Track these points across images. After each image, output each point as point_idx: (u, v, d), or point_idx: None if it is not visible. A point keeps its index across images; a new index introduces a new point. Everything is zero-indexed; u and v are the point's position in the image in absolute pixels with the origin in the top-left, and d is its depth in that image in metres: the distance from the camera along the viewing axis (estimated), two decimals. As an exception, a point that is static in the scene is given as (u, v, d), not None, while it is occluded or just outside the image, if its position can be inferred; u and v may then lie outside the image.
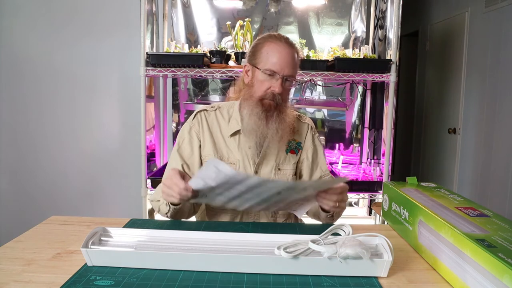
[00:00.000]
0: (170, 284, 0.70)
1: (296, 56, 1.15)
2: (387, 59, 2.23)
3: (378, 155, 2.68)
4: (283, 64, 1.10)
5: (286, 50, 1.11)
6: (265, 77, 1.11)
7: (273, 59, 1.10)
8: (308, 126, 1.28)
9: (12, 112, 2.74)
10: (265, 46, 1.13)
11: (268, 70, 1.10)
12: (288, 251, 0.74)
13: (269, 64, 1.11)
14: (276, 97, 1.11)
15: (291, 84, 1.14)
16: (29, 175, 2.77)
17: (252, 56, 1.16)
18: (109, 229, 0.84)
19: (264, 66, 1.11)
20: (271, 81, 1.11)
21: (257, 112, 1.12)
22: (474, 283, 0.65)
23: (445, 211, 0.83)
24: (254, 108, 1.13)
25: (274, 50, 1.11)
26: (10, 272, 0.74)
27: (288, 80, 1.12)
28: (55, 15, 2.66)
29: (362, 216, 2.74)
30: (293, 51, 1.13)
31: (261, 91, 1.12)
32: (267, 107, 1.12)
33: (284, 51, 1.11)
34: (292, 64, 1.12)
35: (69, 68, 2.70)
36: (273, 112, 1.13)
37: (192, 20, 2.66)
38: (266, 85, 1.12)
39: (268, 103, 1.12)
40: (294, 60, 1.13)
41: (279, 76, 1.10)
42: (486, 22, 2.92)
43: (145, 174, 2.17)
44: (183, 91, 2.73)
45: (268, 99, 1.12)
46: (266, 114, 1.12)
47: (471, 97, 3.14)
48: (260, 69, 1.12)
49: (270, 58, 1.11)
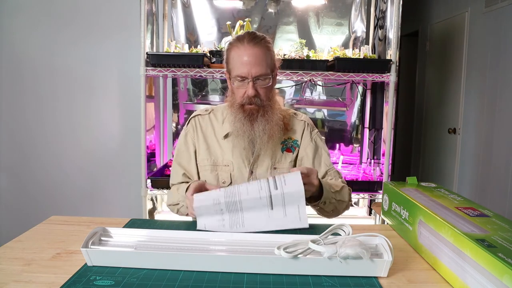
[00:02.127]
0: (170, 284, 0.70)
1: (264, 51, 1.11)
2: (387, 59, 2.22)
3: (378, 155, 2.68)
4: (248, 67, 1.08)
5: (248, 51, 1.09)
6: (238, 83, 1.12)
7: (239, 64, 1.10)
8: (305, 123, 1.27)
9: (12, 112, 2.74)
10: (232, 51, 1.13)
11: (238, 77, 1.10)
12: (288, 251, 0.74)
13: (237, 70, 1.10)
14: (253, 100, 1.11)
15: (265, 82, 1.12)
16: (29, 175, 2.77)
17: (226, 63, 1.17)
18: (109, 229, 0.84)
19: (234, 73, 1.12)
20: (244, 86, 1.11)
21: (240, 118, 1.14)
22: (474, 283, 0.65)
23: (445, 211, 0.83)
24: (237, 114, 1.14)
25: (238, 54, 1.10)
26: (10, 272, 0.74)
27: (261, 79, 1.11)
28: (55, 15, 2.66)
29: (362, 216, 2.74)
30: (257, 48, 1.10)
31: (239, 97, 1.14)
32: (248, 112, 1.13)
33: (246, 52, 1.09)
34: (258, 62, 1.09)
35: (69, 68, 2.70)
36: (256, 115, 1.13)
37: (192, 20, 2.66)
38: (241, 91, 1.12)
39: (248, 108, 1.13)
40: (261, 57, 1.10)
41: (249, 79, 1.09)
42: (486, 22, 2.92)
43: (145, 174, 2.17)
44: (183, 91, 2.73)
45: (247, 104, 1.12)
46: (250, 118, 1.13)
47: (471, 97, 3.14)
48: (232, 77, 1.13)
49: (236, 64, 1.10)
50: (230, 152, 1.20)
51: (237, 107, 1.14)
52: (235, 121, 1.15)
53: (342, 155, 2.72)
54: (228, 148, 1.20)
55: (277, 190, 0.92)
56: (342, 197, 1.14)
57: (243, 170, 1.19)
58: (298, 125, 1.26)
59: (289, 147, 1.23)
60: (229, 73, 1.16)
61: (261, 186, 0.93)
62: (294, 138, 1.24)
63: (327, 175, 1.23)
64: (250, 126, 1.13)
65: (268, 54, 1.13)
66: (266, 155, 1.19)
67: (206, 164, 1.21)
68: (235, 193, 0.93)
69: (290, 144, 1.23)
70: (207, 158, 1.21)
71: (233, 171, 1.19)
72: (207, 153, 1.21)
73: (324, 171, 1.23)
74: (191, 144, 1.23)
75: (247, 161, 1.19)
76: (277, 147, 1.20)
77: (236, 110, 1.15)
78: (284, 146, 1.22)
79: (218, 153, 1.21)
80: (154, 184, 2.18)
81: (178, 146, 1.26)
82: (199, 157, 1.23)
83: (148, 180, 2.19)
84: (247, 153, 1.19)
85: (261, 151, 1.18)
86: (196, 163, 1.23)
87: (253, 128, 1.13)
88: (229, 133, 1.20)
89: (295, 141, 1.24)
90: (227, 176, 1.20)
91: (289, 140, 1.23)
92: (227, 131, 1.20)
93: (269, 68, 1.12)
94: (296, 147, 1.24)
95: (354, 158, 2.77)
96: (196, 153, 1.23)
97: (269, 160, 1.19)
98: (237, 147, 1.19)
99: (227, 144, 1.21)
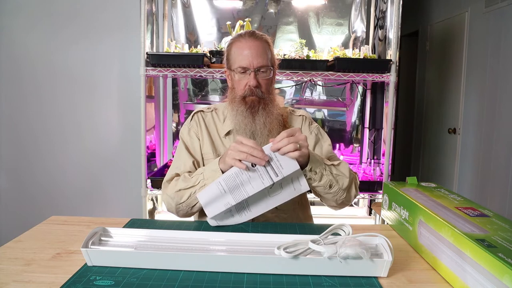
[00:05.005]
0: (170, 284, 0.70)
1: (265, 45, 1.15)
2: (387, 59, 2.22)
3: (378, 155, 2.68)
4: (251, 58, 1.11)
5: (250, 43, 1.13)
6: (239, 76, 1.14)
7: (241, 56, 1.13)
8: (303, 118, 1.28)
9: (12, 112, 2.74)
10: (233, 47, 1.16)
11: (239, 68, 1.13)
12: (288, 251, 0.74)
13: (238, 62, 1.13)
14: (255, 91, 1.13)
15: (267, 74, 1.15)
16: (29, 176, 2.77)
17: (227, 61, 1.19)
18: (109, 229, 0.84)
19: (235, 65, 1.14)
20: (245, 78, 1.14)
21: (242, 110, 1.14)
22: (474, 283, 0.65)
23: (445, 211, 0.83)
24: (238, 107, 1.15)
25: (239, 47, 1.14)
26: (10, 272, 0.74)
27: (262, 71, 1.14)
28: (55, 15, 2.66)
29: (362, 216, 2.74)
30: (259, 41, 1.14)
31: (240, 90, 1.15)
32: (250, 103, 1.14)
33: (248, 44, 1.13)
34: (260, 54, 1.12)
35: (69, 68, 2.70)
36: (257, 107, 1.14)
37: (192, 20, 2.66)
38: (243, 83, 1.14)
39: (250, 99, 1.14)
40: (262, 50, 1.14)
41: (251, 70, 1.12)
42: (486, 22, 2.92)
43: (145, 174, 2.17)
44: (183, 91, 2.73)
45: (248, 95, 1.14)
46: (251, 111, 1.14)
47: (471, 97, 3.14)
48: (234, 70, 1.15)
49: (238, 56, 1.13)
50: None
51: (238, 100, 1.15)
52: (236, 115, 1.15)
53: (342, 155, 2.73)
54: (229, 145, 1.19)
55: (277, 177, 0.94)
56: (339, 172, 1.08)
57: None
58: (296, 121, 1.27)
59: None
60: (229, 68, 1.18)
61: (263, 178, 0.94)
62: None
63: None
64: (251, 119, 1.14)
65: (269, 49, 1.17)
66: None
67: (211, 158, 1.21)
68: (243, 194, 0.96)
69: None
70: (212, 152, 1.22)
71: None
72: (212, 147, 1.22)
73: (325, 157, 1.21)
74: (195, 138, 1.23)
75: None
76: None
77: (237, 103, 1.15)
78: None
79: (221, 149, 1.22)
80: (154, 184, 2.18)
81: (183, 139, 1.24)
82: (203, 150, 1.23)
83: (148, 180, 2.19)
84: None
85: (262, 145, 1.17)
86: (202, 155, 1.23)
87: (254, 121, 1.14)
88: (231, 131, 1.21)
89: None
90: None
91: None
92: (228, 129, 1.21)
93: (270, 61, 1.16)
94: None
95: (354, 158, 2.77)
96: (201, 146, 1.23)
97: None
98: None
99: (229, 142, 1.22)
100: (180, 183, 1.10)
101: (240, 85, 1.15)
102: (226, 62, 1.21)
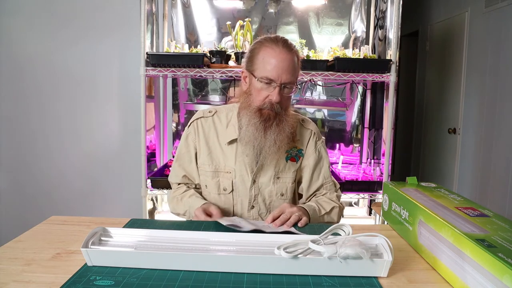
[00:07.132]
0: (170, 284, 0.70)
1: (296, 60, 1.08)
2: (387, 59, 2.23)
3: (378, 155, 2.68)
4: (280, 71, 1.03)
5: (282, 55, 1.04)
6: (262, 85, 1.06)
7: (269, 66, 1.04)
8: (311, 133, 1.23)
9: (12, 112, 2.74)
10: (261, 51, 1.07)
11: (265, 78, 1.05)
12: (288, 251, 0.74)
13: (265, 71, 1.04)
14: (274, 106, 1.06)
15: (290, 91, 1.08)
16: (29, 175, 2.77)
17: (249, 62, 1.10)
18: (109, 229, 0.84)
19: (260, 74, 1.05)
20: (268, 90, 1.06)
21: (255, 122, 1.08)
22: (474, 283, 0.65)
23: (445, 211, 0.83)
24: (251, 118, 1.08)
25: (270, 56, 1.04)
26: (10, 272, 0.74)
27: (287, 88, 1.07)
28: (55, 15, 2.66)
29: (362, 216, 2.74)
30: (291, 55, 1.06)
31: (258, 101, 1.08)
32: (265, 117, 1.08)
33: (280, 56, 1.04)
34: (290, 70, 1.04)
35: (69, 68, 2.70)
36: (272, 122, 1.08)
37: (192, 20, 2.66)
38: (264, 94, 1.07)
39: (266, 112, 1.07)
40: (293, 65, 1.06)
41: (277, 84, 1.04)
42: (486, 22, 2.92)
43: (145, 174, 2.17)
44: (183, 91, 2.73)
45: (266, 108, 1.07)
46: (265, 125, 1.08)
47: (471, 97, 3.14)
48: (256, 77, 1.06)
49: (266, 65, 1.04)
50: (233, 158, 1.16)
51: (253, 110, 1.08)
52: (248, 125, 1.08)
53: (342, 155, 2.72)
54: (231, 154, 1.17)
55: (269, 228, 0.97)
56: (331, 219, 1.17)
57: (246, 178, 1.16)
58: (305, 134, 1.23)
59: (294, 156, 1.19)
60: (251, 72, 1.09)
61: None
62: (299, 147, 1.21)
63: (322, 188, 1.23)
64: (263, 133, 1.08)
65: (298, 64, 1.09)
66: (270, 164, 1.16)
67: (208, 170, 1.18)
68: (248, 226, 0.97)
69: (295, 153, 1.20)
70: (209, 163, 1.18)
71: (235, 179, 1.16)
72: (209, 158, 1.18)
73: (320, 183, 1.23)
74: (192, 147, 1.21)
75: (250, 169, 1.16)
76: (281, 156, 1.17)
77: (252, 113, 1.08)
78: (288, 155, 1.18)
79: (220, 159, 1.18)
80: (154, 184, 2.18)
81: (179, 147, 1.24)
82: (199, 160, 1.20)
83: (148, 180, 2.19)
84: (251, 161, 1.15)
85: (266, 161, 1.15)
86: (197, 166, 1.22)
87: (265, 136, 1.08)
88: (234, 140, 1.16)
89: (300, 150, 1.21)
90: (229, 183, 1.17)
91: (294, 149, 1.20)
92: (232, 137, 1.16)
93: (295, 78, 1.08)
94: (300, 156, 1.21)
95: (354, 158, 2.77)
96: (197, 156, 1.21)
97: (273, 169, 1.17)
98: (241, 153, 1.16)
99: (230, 150, 1.17)
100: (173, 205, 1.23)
101: (260, 96, 1.07)
102: (246, 62, 1.11)
